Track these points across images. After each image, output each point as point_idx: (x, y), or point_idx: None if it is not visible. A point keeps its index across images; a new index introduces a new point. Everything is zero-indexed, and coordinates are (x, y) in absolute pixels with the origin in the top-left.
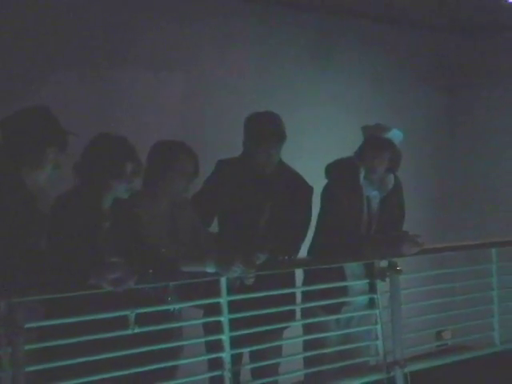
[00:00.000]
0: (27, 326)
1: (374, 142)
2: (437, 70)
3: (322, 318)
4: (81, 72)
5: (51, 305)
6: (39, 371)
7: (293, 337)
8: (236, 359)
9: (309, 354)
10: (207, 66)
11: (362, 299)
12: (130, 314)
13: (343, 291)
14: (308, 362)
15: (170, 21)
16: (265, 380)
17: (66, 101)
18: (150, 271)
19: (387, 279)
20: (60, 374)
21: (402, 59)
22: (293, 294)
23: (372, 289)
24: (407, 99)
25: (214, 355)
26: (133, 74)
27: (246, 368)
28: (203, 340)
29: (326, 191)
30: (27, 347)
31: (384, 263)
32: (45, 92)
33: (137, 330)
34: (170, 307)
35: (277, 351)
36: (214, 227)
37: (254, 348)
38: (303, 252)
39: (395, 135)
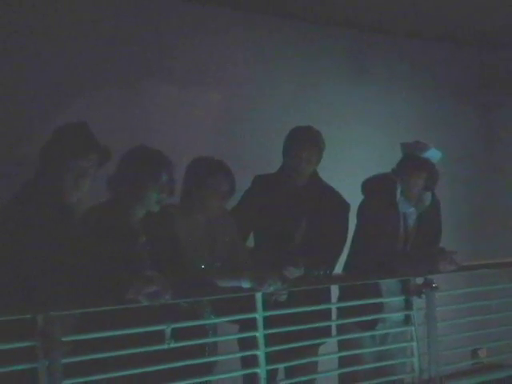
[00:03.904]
0: (64, 339)
1: (412, 161)
2: (473, 86)
3: (358, 335)
4: (114, 89)
5: (85, 317)
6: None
7: (328, 353)
8: (271, 375)
9: (344, 370)
10: (241, 82)
11: (398, 316)
12: (167, 328)
13: (379, 308)
14: (343, 379)
15: (203, 37)
16: None
17: (99, 117)
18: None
19: (423, 296)
20: None
21: (438, 76)
22: (328, 310)
23: (408, 305)
24: (444, 116)
25: (249, 371)
26: (165, 91)
27: None
28: (238, 355)
29: (362, 207)
30: (64, 360)
31: (420, 280)
32: (78, 108)
33: (172, 345)
34: (206, 322)
35: (312, 367)
36: (250, 242)
37: (290, 364)
38: (339, 268)
39: (434, 154)
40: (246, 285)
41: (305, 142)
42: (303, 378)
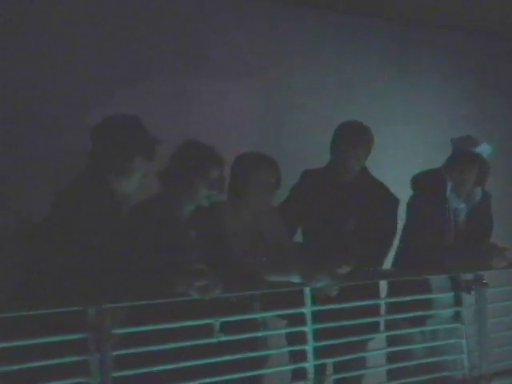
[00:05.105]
0: (115, 331)
1: (463, 156)
2: None
3: (407, 331)
4: (159, 81)
5: (136, 310)
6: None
7: (377, 348)
8: (320, 369)
9: (393, 366)
10: (286, 75)
11: (448, 312)
12: (215, 322)
13: (428, 304)
14: (392, 375)
15: (247, 28)
16: None
17: (143, 111)
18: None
19: (473, 292)
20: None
21: (483, 70)
22: (377, 306)
23: (457, 302)
24: (489, 111)
25: (297, 365)
26: (210, 82)
27: (330, 379)
28: (287, 349)
29: (412, 203)
30: (115, 353)
31: (470, 276)
32: (123, 100)
33: (222, 338)
34: (254, 316)
35: (361, 363)
36: (299, 236)
37: (338, 359)
38: (387, 264)
39: (484, 149)
40: (295, 280)
41: (352, 139)
42: (352, 374)
